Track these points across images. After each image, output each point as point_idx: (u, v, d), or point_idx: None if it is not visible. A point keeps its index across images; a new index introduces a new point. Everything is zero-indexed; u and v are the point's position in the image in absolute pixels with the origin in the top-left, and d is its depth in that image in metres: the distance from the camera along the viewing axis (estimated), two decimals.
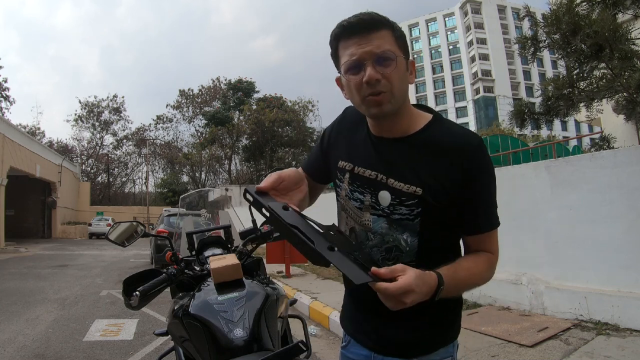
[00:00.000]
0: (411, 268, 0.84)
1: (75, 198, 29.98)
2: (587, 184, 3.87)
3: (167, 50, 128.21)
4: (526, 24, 5.24)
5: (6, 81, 30.31)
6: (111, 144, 39.63)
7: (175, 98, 39.55)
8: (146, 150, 36.32)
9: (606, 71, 4.52)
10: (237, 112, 32.47)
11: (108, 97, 38.95)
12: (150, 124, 39.85)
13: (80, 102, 38.54)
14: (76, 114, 37.98)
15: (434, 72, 65.75)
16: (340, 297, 1.24)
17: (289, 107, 30.40)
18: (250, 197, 0.92)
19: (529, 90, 51.84)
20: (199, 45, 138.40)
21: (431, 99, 64.82)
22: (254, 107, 30.17)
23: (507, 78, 58.99)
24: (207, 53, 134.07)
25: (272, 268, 7.42)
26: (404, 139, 1.00)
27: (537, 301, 4.08)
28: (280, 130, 29.10)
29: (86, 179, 36.15)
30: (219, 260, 1.33)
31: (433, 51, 66.02)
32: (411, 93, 1.04)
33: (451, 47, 64.58)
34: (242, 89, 34.58)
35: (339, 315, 1.24)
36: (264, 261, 1.69)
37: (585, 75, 4.72)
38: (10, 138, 17.51)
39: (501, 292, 4.38)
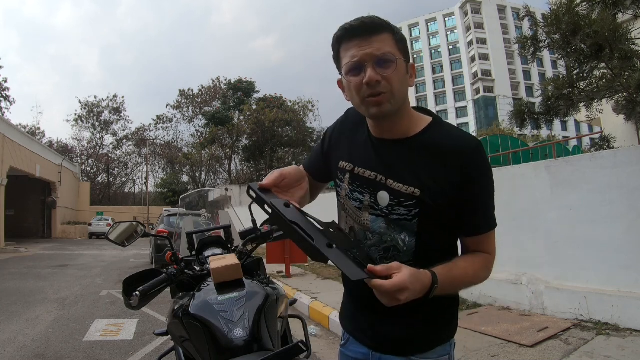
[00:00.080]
0: (406, 266, 0.86)
1: (75, 198, 29.99)
2: (587, 184, 3.87)
3: (167, 50, 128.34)
4: (526, 24, 5.24)
5: (6, 81, 30.35)
6: (111, 144, 39.75)
7: (175, 98, 39.64)
8: (146, 150, 36.34)
9: (606, 71, 4.52)
10: (237, 112, 32.47)
11: (108, 97, 39.06)
12: (150, 124, 39.97)
13: (80, 102, 38.66)
14: (76, 114, 38.09)
15: (434, 72, 65.76)
16: (340, 297, 1.24)
17: (289, 107, 30.41)
18: (253, 194, 0.96)
19: (529, 90, 51.85)
20: (199, 45, 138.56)
21: (431, 99, 64.83)
22: (254, 107, 30.17)
23: (507, 78, 58.99)
24: (207, 53, 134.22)
25: (272, 268, 7.42)
26: (404, 141, 1.01)
27: (537, 301, 4.08)
28: (280, 130, 29.11)
29: (86, 179, 36.17)
30: (219, 260, 1.33)
31: (433, 51, 66.02)
32: (411, 93, 1.05)
33: (451, 47, 64.57)
34: (242, 89, 34.59)
35: (339, 314, 1.25)
36: (264, 261, 1.69)
37: (585, 75, 4.72)
38: (10, 138, 17.52)
39: (501, 292, 4.38)
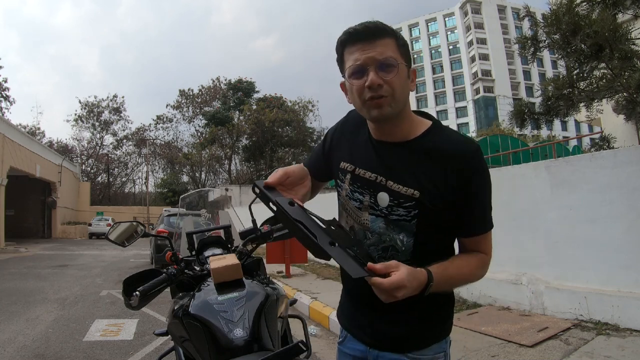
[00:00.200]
0: (404, 265, 0.90)
1: (75, 198, 29.99)
2: (587, 184, 3.87)
3: (167, 50, 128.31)
4: (526, 24, 5.25)
5: (6, 81, 30.39)
6: (111, 144, 39.76)
7: (175, 98, 39.67)
8: (146, 150, 36.34)
9: (606, 71, 4.52)
10: (237, 112, 32.48)
11: (108, 97, 39.10)
12: (150, 124, 40.00)
13: (80, 102, 38.68)
14: (76, 114, 38.11)
15: (434, 72, 65.75)
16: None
17: (289, 107, 30.43)
18: (258, 191, 1.02)
19: (529, 90, 51.87)
20: (199, 45, 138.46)
21: (431, 99, 64.85)
22: (254, 107, 30.18)
23: (507, 78, 58.99)
24: (207, 53, 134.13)
25: (272, 268, 7.42)
26: (404, 144, 1.04)
27: (537, 301, 4.08)
28: (280, 130, 29.12)
29: (86, 179, 36.17)
30: (219, 260, 1.33)
31: (433, 51, 66.02)
32: (411, 93, 1.06)
33: (451, 47, 64.56)
34: (242, 89, 34.60)
35: (337, 311, 1.27)
36: (264, 261, 1.69)
37: (585, 75, 4.72)
38: (10, 138, 17.52)
39: (501, 292, 4.38)
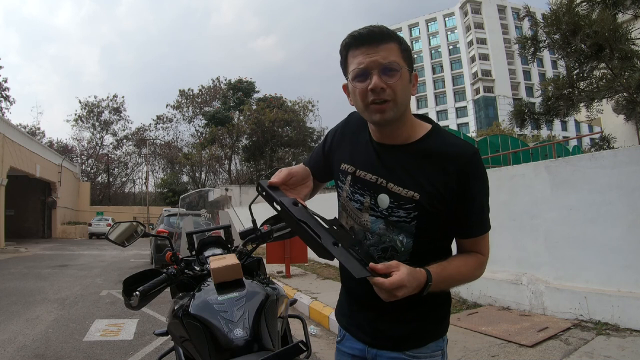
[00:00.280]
0: (404, 265, 0.92)
1: (75, 198, 29.98)
2: (587, 184, 3.87)
3: (167, 50, 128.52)
4: (526, 24, 5.25)
5: (6, 81, 30.41)
6: (111, 144, 39.75)
7: (175, 98, 39.61)
8: (146, 150, 36.31)
9: (606, 71, 4.52)
10: (237, 112, 32.47)
11: (108, 97, 39.04)
12: (150, 124, 40.00)
13: (80, 102, 38.63)
14: (76, 114, 38.09)
15: (434, 72, 65.74)
16: None
17: (289, 107, 30.43)
18: (262, 191, 1.04)
19: (529, 90, 51.89)
20: (199, 45, 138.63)
21: (431, 99, 64.85)
22: (254, 107, 30.19)
23: (507, 78, 58.98)
24: (207, 53, 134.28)
25: (272, 268, 7.42)
26: (405, 147, 1.05)
27: (537, 301, 4.08)
28: (280, 130, 29.13)
29: (86, 179, 36.16)
30: (219, 260, 1.34)
31: (433, 51, 66.01)
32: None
33: (451, 47, 64.56)
34: (242, 89, 34.61)
35: (335, 310, 1.28)
36: (264, 261, 1.69)
37: (585, 75, 4.72)
38: (10, 138, 17.50)
39: (501, 292, 4.38)
